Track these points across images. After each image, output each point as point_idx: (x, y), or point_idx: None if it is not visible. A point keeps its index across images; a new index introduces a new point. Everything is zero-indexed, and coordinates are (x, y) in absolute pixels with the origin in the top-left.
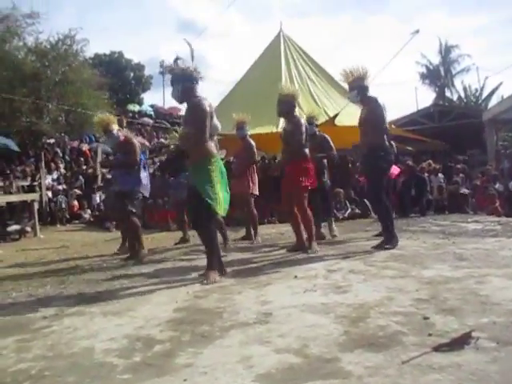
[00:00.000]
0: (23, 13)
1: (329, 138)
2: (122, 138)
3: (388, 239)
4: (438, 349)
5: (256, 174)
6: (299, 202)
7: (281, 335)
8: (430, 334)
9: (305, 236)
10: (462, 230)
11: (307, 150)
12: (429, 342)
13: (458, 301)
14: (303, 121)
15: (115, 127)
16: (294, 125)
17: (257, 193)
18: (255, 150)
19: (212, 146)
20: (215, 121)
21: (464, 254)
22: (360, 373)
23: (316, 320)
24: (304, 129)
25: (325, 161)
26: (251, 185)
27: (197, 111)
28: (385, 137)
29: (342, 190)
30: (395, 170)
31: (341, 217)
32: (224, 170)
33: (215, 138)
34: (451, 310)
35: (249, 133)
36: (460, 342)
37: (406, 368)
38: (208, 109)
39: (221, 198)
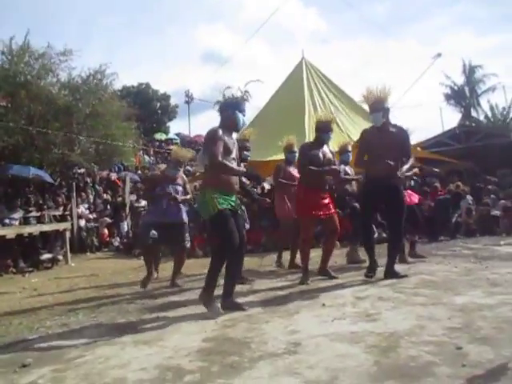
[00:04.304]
0: (57, 51)
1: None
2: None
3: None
4: (472, 381)
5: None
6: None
7: (310, 366)
8: (463, 365)
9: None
10: (495, 253)
11: None
12: (462, 374)
13: (492, 329)
14: None
15: None
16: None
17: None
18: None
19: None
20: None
21: (497, 279)
22: None
23: (346, 350)
24: None
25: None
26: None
27: None
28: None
29: None
30: (413, 196)
31: None
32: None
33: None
34: (485, 339)
35: (272, 158)
36: (496, 373)
37: None
38: None
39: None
